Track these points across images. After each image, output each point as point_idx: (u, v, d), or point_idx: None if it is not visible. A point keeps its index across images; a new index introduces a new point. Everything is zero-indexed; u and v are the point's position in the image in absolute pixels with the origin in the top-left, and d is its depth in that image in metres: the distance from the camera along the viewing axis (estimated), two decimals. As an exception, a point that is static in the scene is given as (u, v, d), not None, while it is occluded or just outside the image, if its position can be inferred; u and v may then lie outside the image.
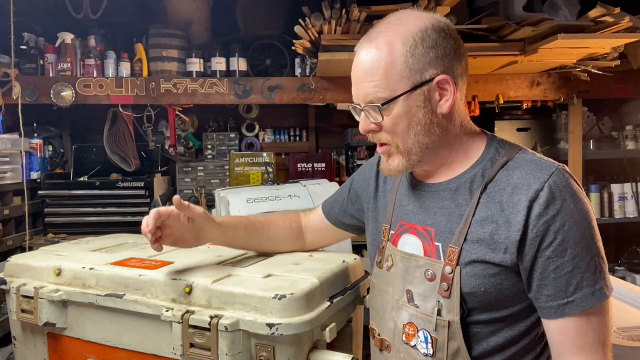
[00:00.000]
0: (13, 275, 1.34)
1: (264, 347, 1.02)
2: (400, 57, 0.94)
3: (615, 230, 3.36)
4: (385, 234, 1.12)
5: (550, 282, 0.90)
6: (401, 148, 0.98)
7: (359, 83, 0.99)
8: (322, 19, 2.22)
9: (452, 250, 0.95)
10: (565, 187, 0.90)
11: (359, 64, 0.99)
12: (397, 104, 0.95)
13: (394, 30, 0.96)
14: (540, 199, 0.89)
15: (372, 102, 0.97)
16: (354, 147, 3.26)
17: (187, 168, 3.20)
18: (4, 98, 2.68)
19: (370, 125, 1.00)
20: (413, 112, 0.96)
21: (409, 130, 0.97)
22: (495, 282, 0.93)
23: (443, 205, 1.01)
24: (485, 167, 0.98)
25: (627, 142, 3.15)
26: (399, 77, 0.94)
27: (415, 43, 0.94)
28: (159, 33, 2.88)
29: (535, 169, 0.93)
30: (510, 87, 2.96)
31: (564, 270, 0.88)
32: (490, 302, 0.94)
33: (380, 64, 0.94)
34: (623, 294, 1.70)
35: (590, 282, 0.89)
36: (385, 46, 0.94)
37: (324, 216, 1.35)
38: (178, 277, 1.13)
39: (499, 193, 0.94)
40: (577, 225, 0.89)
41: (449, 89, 0.96)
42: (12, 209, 2.67)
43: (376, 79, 0.95)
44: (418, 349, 0.98)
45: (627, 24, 2.17)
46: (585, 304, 0.88)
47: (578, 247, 0.88)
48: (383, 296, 1.09)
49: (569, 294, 0.89)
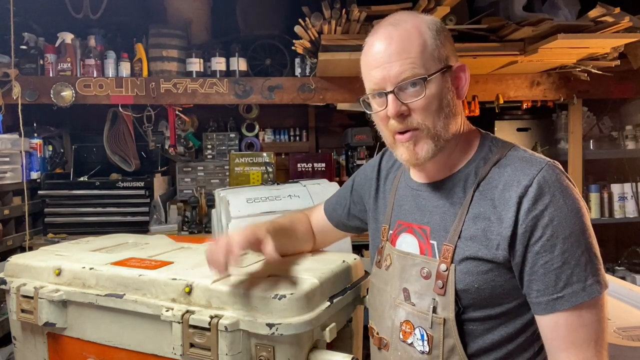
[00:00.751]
0: (13, 275, 1.34)
1: (264, 347, 1.02)
2: (430, 39, 0.96)
3: (615, 230, 3.36)
4: (384, 234, 1.13)
5: (539, 278, 0.90)
6: (432, 131, 0.97)
7: (390, 62, 0.95)
8: (322, 19, 2.22)
9: (447, 248, 0.97)
10: (555, 183, 0.91)
11: (387, 45, 0.96)
12: (431, 83, 0.95)
13: (415, 18, 0.98)
14: (529, 194, 0.90)
15: (407, 80, 0.94)
16: (354, 147, 3.26)
17: (187, 168, 3.20)
18: (4, 98, 2.68)
19: (401, 107, 0.96)
20: (444, 94, 0.97)
21: (441, 112, 0.97)
22: (489, 279, 0.93)
23: (438, 204, 1.02)
24: (478, 165, 1.00)
25: (627, 142, 3.14)
26: (431, 57, 0.96)
27: (438, 30, 0.98)
28: (159, 33, 2.89)
29: (525, 166, 0.94)
30: (510, 87, 2.96)
31: (554, 266, 0.89)
32: (484, 299, 0.94)
33: (414, 43, 0.95)
34: (623, 294, 1.70)
35: (580, 277, 0.88)
36: (414, 28, 0.96)
37: (327, 219, 1.36)
38: (178, 277, 1.13)
39: (491, 190, 0.95)
40: (566, 221, 0.89)
41: (464, 77, 1.01)
42: (12, 209, 2.68)
43: (412, 55, 0.94)
44: (415, 346, 0.99)
45: (627, 24, 2.17)
46: (575, 300, 0.88)
47: (567, 243, 0.88)
48: (382, 295, 1.10)
49: (559, 289, 0.89)
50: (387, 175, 1.21)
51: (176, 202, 3.09)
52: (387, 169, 1.22)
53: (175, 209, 3.02)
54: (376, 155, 1.31)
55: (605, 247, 3.36)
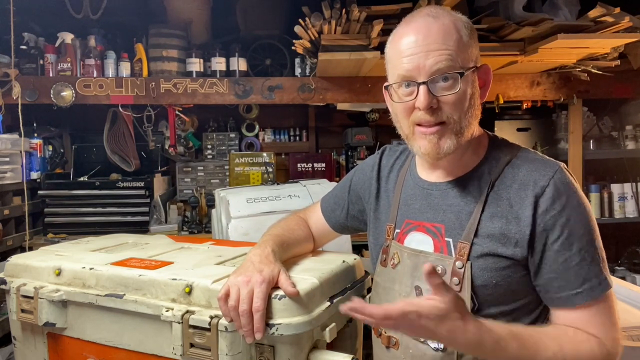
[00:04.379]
0: (13, 275, 1.34)
1: (264, 347, 1.02)
2: (465, 37, 0.97)
3: (615, 230, 3.35)
4: (389, 232, 1.13)
5: (560, 274, 0.94)
6: (457, 127, 0.97)
7: (427, 52, 0.94)
8: (322, 19, 2.22)
9: (463, 245, 0.98)
10: (569, 184, 0.96)
11: (425, 35, 0.94)
12: (465, 79, 0.95)
13: (451, 14, 0.99)
14: (546, 194, 0.94)
15: (442, 72, 0.94)
16: (354, 147, 3.26)
17: (187, 168, 3.20)
18: (4, 98, 2.68)
19: (433, 100, 0.95)
20: (472, 91, 0.98)
21: (469, 110, 0.98)
22: (506, 275, 0.96)
23: (452, 203, 1.03)
24: (491, 164, 1.02)
25: (627, 142, 3.14)
26: (466, 53, 0.97)
27: (471, 30, 0.99)
28: (159, 33, 2.88)
29: (540, 167, 0.97)
30: (510, 87, 2.96)
31: (572, 263, 0.93)
32: (500, 295, 0.97)
33: (453, 37, 0.95)
34: (623, 294, 1.70)
35: (596, 273, 0.93)
36: (452, 23, 0.96)
37: (325, 222, 1.35)
38: (178, 277, 1.12)
39: (506, 190, 0.98)
40: (581, 220, 0.94)
41: (487, 79, 1.03)
42: (12, 209, 2.67)
43: (451, 48, 0.94)
44: (428, 343, 1.00)
45: (627, 24, 2.17)
46: (593, 294, 0.93)
47: (583, 241, 0.93)
48: (388, 293, 1.10)
49: (578, 284, 0.93)
50: (388, 173, 1.21)
51: (176, 202, 3.09)
52: (387, 168, 1.22)
53: (175, 209, 3.02)
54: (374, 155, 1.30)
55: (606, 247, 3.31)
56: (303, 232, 1.33)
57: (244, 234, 1.91)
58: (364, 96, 2.86)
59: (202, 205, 3.09)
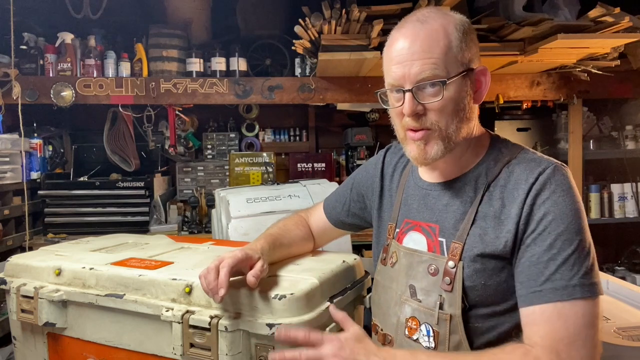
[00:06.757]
0: (13, 275, 1.34)
1: (264, 347, 1.02)
2: (455, 41, 0.96)
3: (615, 230, 3.35)
4: (390, 232, 1.14)
5: (525, 269, 0.91)
6: (443, 133, 0.97)
7: (412, 60, 0.95)
8: (322, 19, 2.22)
9: (456, 245, 0.98)
10: (558, 181, 0.93)
11: (411, 42, 0.95)
12: (450, 86, 0.95)
13: (443, 17, 0.97)
14: (532, 191, 0.93)
15: (426, 80, 0.94)
16: (354, 147, 3.26)
17: (187, 168, 3.20)
18: (4, 98, 2.68)
19: (417, 107, 0.96)
20: (461, 97, 0.97)
21: (455, 115, 0.97)
22: (495, 276, 0.95)
23: (448, 203, 1.03)
24: (489, 165, 1.01)
25: (627, 142, 3.15)
26: (454, 59, 0.95)
27: (465, 31, 0.97)
28: (159, 33, 2.89)
29: (533, 166, 0.96)
30: (510, 87, 2.96)
31: (540, 259, 0.89)
32: (490, 295, 0.95)
33: (439, 44, 0.94)
34: (623, 294, 1.70)
35: (564, 275, 0.87)
36: (441, 28, 0.95)
37: (326, 218, 1.36)
38: (178, 277, 1.13)
39: (501, 190, 0.97)
40: (561, 218, 0.90)
41: (484, 80, 1.01)
42: (12, 209, 2.67)
43: (435, 56, 0.94)
44: (420, 342, 1.00)
45: (627, 24, 2.17)
46: (553, 296, 0.86)
47: (559, 239, 0.89)
48: (386, 292, 1.10)
49: (540, 283, 0.88)
50: (392, 173, 1.21)
51: (176, 202, 3.09)
52: (391, 166, 1.22)
53: (175, 209, 3.02)
54: (377, 153, 1.31)
55: (605, 247, 3.36)
56: (301, 232, 1.33)
57: (244, 234, 1.91)
58: (364, 96, 2.86)
59: (202, 205, 3.09)
